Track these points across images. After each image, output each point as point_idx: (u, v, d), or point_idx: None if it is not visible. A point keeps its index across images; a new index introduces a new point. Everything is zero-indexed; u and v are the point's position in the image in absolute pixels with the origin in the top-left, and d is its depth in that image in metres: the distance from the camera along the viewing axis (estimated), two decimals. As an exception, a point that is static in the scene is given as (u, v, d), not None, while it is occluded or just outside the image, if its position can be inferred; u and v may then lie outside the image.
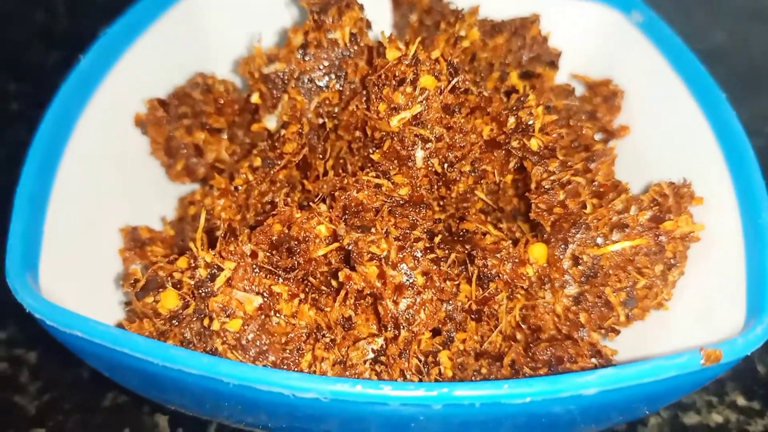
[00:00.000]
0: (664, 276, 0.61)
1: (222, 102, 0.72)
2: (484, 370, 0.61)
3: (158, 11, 0.78)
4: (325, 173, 0.67)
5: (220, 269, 0.51)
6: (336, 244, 0.54)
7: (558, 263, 0.61)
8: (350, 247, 0.53)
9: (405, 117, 0.59)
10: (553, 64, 0.80)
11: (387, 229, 0.54)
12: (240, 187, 0.64)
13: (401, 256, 0.53)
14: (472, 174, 0.63)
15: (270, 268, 0.52)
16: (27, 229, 0.55)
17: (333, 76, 0.66)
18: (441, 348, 0.59)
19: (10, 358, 0.75)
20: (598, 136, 0.78)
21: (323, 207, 0.61)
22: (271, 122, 0.68)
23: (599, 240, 0.61)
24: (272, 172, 0.63)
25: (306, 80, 0.66)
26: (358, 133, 0.66)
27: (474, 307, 0.60)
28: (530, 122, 0.61)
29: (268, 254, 0.53)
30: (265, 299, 0.50)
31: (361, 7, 0.69)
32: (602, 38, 0.83)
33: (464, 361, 0.61)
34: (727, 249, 0.61)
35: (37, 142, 0.60)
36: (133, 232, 0.66)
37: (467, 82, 0.61)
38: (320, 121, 0.67)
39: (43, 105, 0.65)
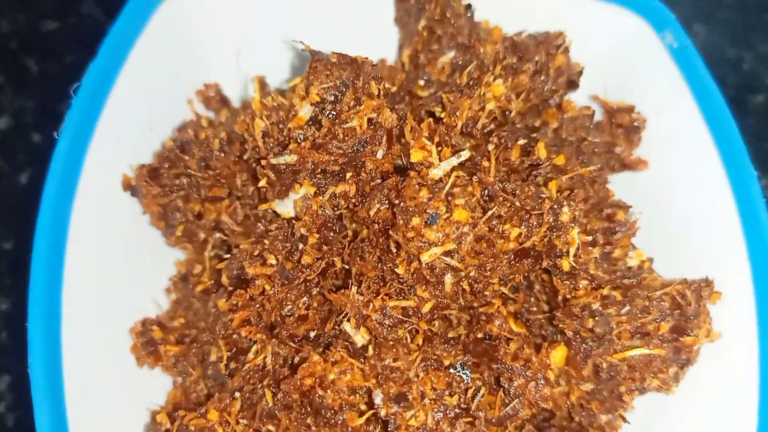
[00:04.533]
0: (676, 376, 0.64)
1: (218, 169, 0.66)
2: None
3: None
4: (343, 270, 0.64)
5: (261, 452, 0.52)
6: (372, 412, 0.54)
7: (577, 366, 0.63)
8: (388, 419, 0.53)
9: (437, 253, 0.56)
10: (574, 84, 0.74)
11: (423, 391, 0.54)
12: (256, 297, 0.61)
13: (437, 419, 0.54)
14: (501, 283, 0.61)
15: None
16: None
17: (349, 167, 0.61)
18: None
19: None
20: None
21: (348, 327, 0.59)
22: (280, 207, 0.63)
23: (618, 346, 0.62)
24: (291, 285, 0.60)
25: (319, 170, 0.61)
26: (377, 226, 0.62)
27: (496, 418, 0.62)
28: (565, 250, 0.58)
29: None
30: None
31: (379, 82, 0.60)
32: (626, 52, 0.76)
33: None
34: (739, 355, 0.63)
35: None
36: (145, 334, 0.63)
37: (501, 205, 0.57)
38: (336, 212, 0.62)
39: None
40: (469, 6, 0.74)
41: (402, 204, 0.56)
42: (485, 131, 0.66)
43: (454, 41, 0.73)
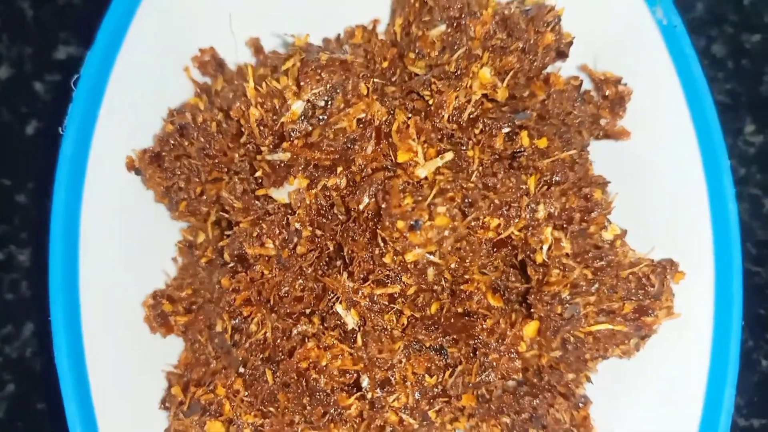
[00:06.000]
0: (637, 346, 0.71)
1: (217, 156, 0.69)
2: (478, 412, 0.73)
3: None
4: (337, 247, 0.69)
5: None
6: (360, 393, 0.61)
7: (547, 340, 0.69)
8: (374, 400, 0.61)
9: (420, 253, 0.61)
10: (563, 54, 0.75)
11: (405, 375, 0.61)
12: (256, 279, 0.67)
13: (417, 399, 0.61)
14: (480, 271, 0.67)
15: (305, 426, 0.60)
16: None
17: (340, 162, 0.64)
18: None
19: None
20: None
21: (340, 309, 0.65)
22: (276, 194, 0.67)
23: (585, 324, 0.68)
24: (287, 271, 0.65)
25: (312, 165, 0.64)
26: (366, 215, 0.67)
27: (473, 383, 0.70)
28: (539, 247, 0.63)
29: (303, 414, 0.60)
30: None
31: (368, 80, 0.63)
32: (617, 24, 0.76)
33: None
34: (695, 337, 0.69)
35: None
36: (156, 307, 0.70)
37: (481, 211, 0.61)
38: (328, 202, 0.66)
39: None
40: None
41: (388, 209, 0.61)
42: (471, 117, 0.69)
43: (445, 13, 0.73)
